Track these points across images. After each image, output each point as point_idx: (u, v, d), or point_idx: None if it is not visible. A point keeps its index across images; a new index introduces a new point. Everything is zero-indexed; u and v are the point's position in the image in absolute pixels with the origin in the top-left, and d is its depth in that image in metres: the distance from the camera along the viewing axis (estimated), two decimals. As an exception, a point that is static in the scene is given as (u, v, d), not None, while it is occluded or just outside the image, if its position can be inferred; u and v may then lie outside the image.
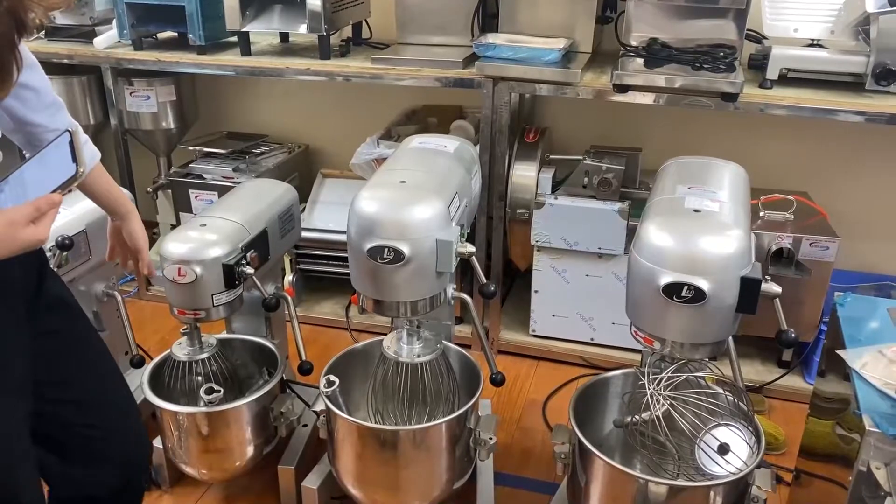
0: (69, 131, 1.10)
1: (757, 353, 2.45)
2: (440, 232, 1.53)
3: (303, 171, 2.93)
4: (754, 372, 2.39)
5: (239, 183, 2.52)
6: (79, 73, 2.70)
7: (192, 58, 2.48)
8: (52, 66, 2.61)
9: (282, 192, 2.01)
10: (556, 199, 2.32)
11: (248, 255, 1.76)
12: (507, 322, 2.62)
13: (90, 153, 1.36)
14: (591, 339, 2.50)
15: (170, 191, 2.79)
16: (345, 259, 2.57)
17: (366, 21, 2.67)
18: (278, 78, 2.55)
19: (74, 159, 1.04)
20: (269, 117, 3.03)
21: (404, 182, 1.59)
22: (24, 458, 1.25)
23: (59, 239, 1.80)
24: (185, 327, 1.81)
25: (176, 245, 1.69)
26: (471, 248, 1.57)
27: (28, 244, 1.01)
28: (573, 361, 2.52)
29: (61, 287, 1.37)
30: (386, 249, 1.50)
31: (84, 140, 1.31)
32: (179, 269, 1.67)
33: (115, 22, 2.54)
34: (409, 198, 1.54)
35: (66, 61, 2.59)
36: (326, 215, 2.75)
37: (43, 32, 2.63)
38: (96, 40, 2.55)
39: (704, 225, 1.41)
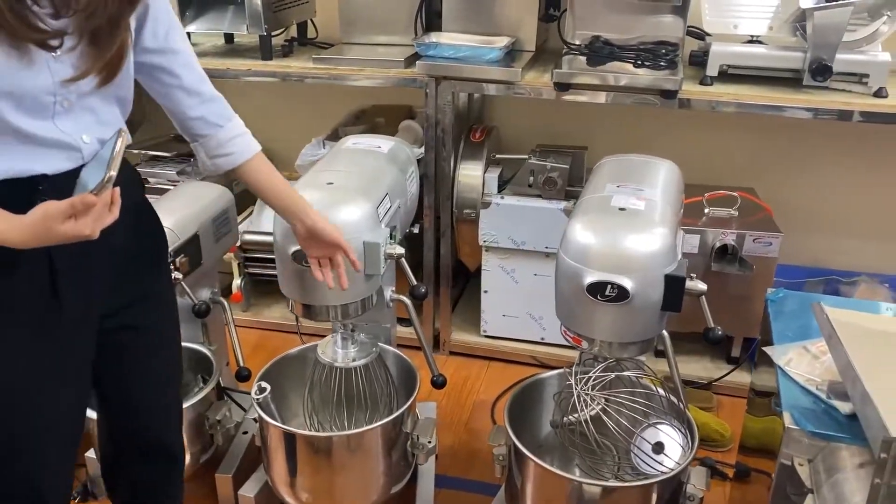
0: (119, 130, 1.09)
1: (706, 350, 2.46)
2: (368, 233, 1.51)
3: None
4: (703, 369, 2.40)
5: (183, 186, 2.49)
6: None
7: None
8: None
9: (217, 195, 1.98)
10: (502, 198, 2.31)
11: (178, 259, 1.73)
12: (458, 323, 2.60)
13: (243, 147, 1.35)
14: (542, 339, 2.48)
15: (116, 195, 2.74)
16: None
17: (311, 21, 2.64)
18: (223, 79, 2.50)
19: (109, 163, 1.05)
20: (218, 119, 2.98)
21: (331, 183, 1.57)
22: (54, 443, 1.25)
23: None
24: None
25: (102, 251, 1.65)
26: (400, 250, 1.55)
27: (68, 237, 1.03)
28: (524, 361, 2.50)
29: (166, 281, 1.40)
30: (311, 252, 1.47)
31: (236, 133, 1.34)
32: (105, 275, 1.63)
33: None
34: (336, 199, 1.52)
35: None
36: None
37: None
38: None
39: (628, 223, 1.40)
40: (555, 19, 2.38)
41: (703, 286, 1.39)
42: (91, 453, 1.83)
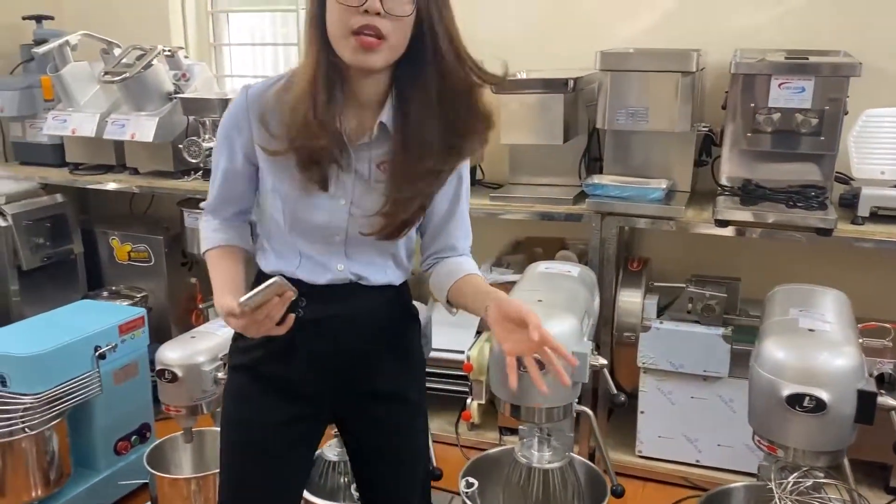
0: (277, 278, 1.28)
1: (863, 479, 2.48)
2: (575, 345, 1.72)
3: (416, 293, 3.18)
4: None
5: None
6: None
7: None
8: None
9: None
10: (661, 323, 2.50)
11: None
12: (612, 443, 2.73)
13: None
14: (697, 461, 2.58)
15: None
16: (453, 377, 2.79)
17: (479, 165, 2.99)
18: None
19: (251, 296, 1.26)
20: (386, 247, 3.33)
21: (541, 301, 1.81)
22: None
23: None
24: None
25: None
26: (603, 361, 1.76)
27: (231, 326, 1.31)
28: (679, 483, 2.59)
29: (404, 385, 1.55)
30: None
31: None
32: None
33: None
34: (548, 314, 1.74)
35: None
36: (438, 335, 2.96)
37: (200, 173, 3.04)
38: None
39: (820, 342, 1.57)
40: (706, 164, 2.65)
41: (893, 402, 1.53)
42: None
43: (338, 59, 1.28)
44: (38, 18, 3.29)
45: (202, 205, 1.54)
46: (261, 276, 1.44)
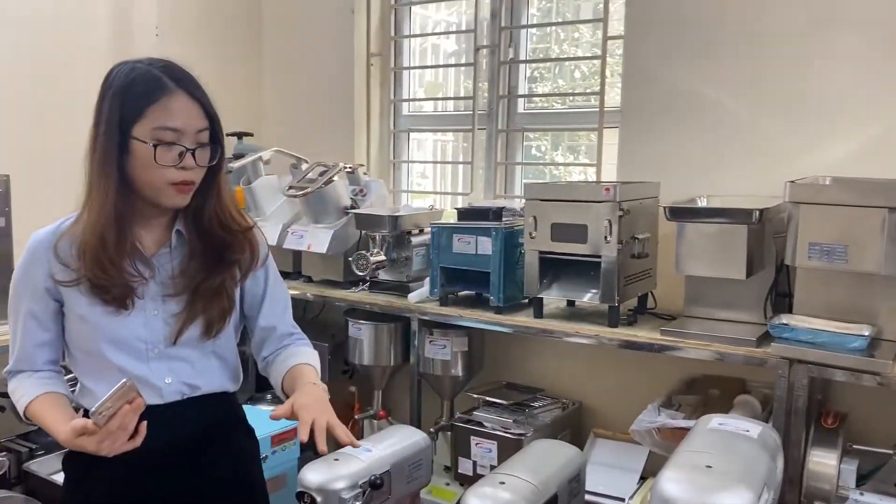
0: (125, 381, 1.33)
1: None
2: (750, 527, 1.47)
3: (575, 427, 2.99)
4: None
5: (518, 435, 2.65)
6: (389, 320, 3.08)
7: (490, 316, 2.74)
8: (368, 314, 3.06)
9: (571, 455, 2.07)
10: (861, 495, 2.12)
11: (542, 518, 1.81)
12: None
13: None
14: None
15: (449, 433, 2.98)
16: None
17: (651, 293, 2.80)
18: (563, 338, 2.69)
19: (101, 402, 1.30)
20: (546, 371, 3.17)
21: (710, 467, 1.58)
22: None
23: (371, 478, 1.98)
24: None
25: (477, 501, 1.79)
26: (785, 549, 1.49)
27: (82, 448, 1.33)
28: None
29: None
30: (691, 538, 1.47)
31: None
32: (478, 524, 1.75)
33: (427, 280, 2.93)
34: (718, 486, 1.52)
35: (377, 310, 3.01)
36: (596, 476, 2.73)
37: (367, 285, 3.10)
38: (411, 295, 2.93)
39: None
40: (917, 309, 2.29)
41: None
42: None
43: (135, 196, 1.44)
44: (240, 135, 3.59)
45: (5, 370, 1.54)
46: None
